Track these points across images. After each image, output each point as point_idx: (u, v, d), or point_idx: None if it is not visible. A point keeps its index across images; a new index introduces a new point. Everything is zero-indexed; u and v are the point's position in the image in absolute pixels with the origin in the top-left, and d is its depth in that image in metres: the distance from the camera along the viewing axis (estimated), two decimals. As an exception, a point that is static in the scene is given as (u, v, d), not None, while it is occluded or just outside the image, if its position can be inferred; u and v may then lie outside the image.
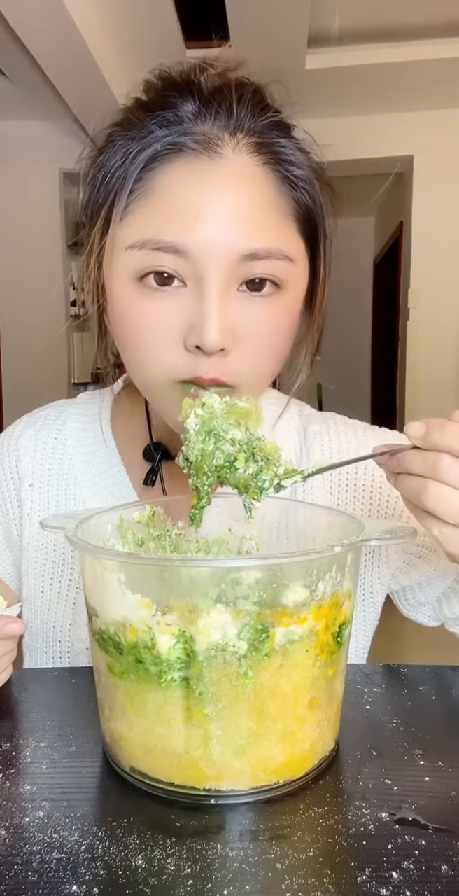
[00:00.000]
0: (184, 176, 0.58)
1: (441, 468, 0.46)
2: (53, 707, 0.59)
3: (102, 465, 0.77)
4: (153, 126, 0.59)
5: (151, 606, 0.44)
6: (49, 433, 0.80)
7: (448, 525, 0.47)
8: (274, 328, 0.61)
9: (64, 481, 0.77)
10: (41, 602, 0.77)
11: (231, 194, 0.58)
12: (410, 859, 0.39)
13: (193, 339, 0.58)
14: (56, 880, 0.38)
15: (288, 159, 0.61)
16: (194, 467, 0.52)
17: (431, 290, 4.00)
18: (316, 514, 0.62)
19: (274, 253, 0.59)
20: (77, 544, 0.46)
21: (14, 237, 4.19)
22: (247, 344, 0.60)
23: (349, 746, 0.52)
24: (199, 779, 0.45)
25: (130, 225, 0.59)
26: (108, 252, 0.61)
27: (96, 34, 2.86)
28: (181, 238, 0.56)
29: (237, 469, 0.51)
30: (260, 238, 0.58)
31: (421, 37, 3.25)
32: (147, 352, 0.60)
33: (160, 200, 0.58)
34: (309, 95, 3.37)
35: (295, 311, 0.64)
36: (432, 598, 0.76)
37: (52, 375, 4.22)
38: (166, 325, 0.59)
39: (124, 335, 0.62)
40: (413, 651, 2.77)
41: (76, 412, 0.81)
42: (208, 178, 0.58)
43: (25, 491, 0.78)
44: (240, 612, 0.43)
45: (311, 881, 0.37)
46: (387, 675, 0.63)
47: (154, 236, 0.57)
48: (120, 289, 0.60)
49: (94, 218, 0.62)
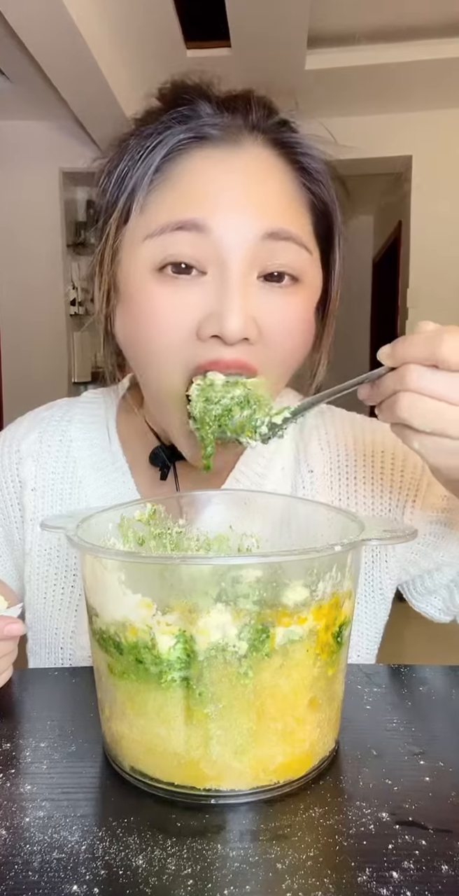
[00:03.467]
0: (205, 164, 0.58)
1: (409, 378, 0.46)
2: (54, 707, 0.59)
3: (107, 468, 0.75)
4: (171, 121, 0.59)
5: (151, 606, 0.44)
6: (53, 435, 0.78)
7: (425, 434, 0.47)
8: (295, 320, 0.61)
9: (68, 485, 0.76)
10: (44, 608, 0.76)
11: (250, 179, 0.58)
12: (410, 859, 0.39)
13: (212, 328, 0.57)
14: (56, 880, 0.38)
15: (304, 152, 0.62)
16: (198, 421, 0.58)
17: (430, 290, 4.00)
18: (318, 511, 0.62)
19: (293, 236, 0.59)
20: (77, 544, 0.46)
21: (14, 237, 4.19)
22: (272, 335, 0.59)
23: (349, 746, 0.52)
24: (199, 779, 0.45)
25: (150, 214, 0.59)
26: (128, 246, 0.61)
27: (96, 34, 2.86)
28: (200, 213, 0.56)
29: (233, 415, 0.56)
30: (280, 219, 0.58)
31: (421, 37, 3.25)
32: (163, 344, 0.59)
33: (180, 188, 0.58)
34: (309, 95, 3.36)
35: (313, 306, 0.64)
36: (441, 586, 0.75)
37: (52, 374, 4.22)
38: (185, 314, 0.58)
39: (139, 328, 0.60)
40: (413, 651, 2.77)
41: (82, 411, 0.79)
42: (229, 164, 0.58)
43: (28, 496, 0.76)
44: (241, 612, 0.43)
45: (311, 881, 0.37)
46: (387, 675, 0.63)
47: (173, 217, 0.57)
48: (138, 281, 0.59)
49: (109, 213, 0.61)
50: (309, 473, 0.74)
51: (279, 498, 0.68)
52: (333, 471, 0.75)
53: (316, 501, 0.70)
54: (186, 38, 3.06)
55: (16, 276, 4.21)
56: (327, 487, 0.74)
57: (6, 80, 3.53)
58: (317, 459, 0.75)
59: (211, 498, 0.65)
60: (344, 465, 0.75)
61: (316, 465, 0.75)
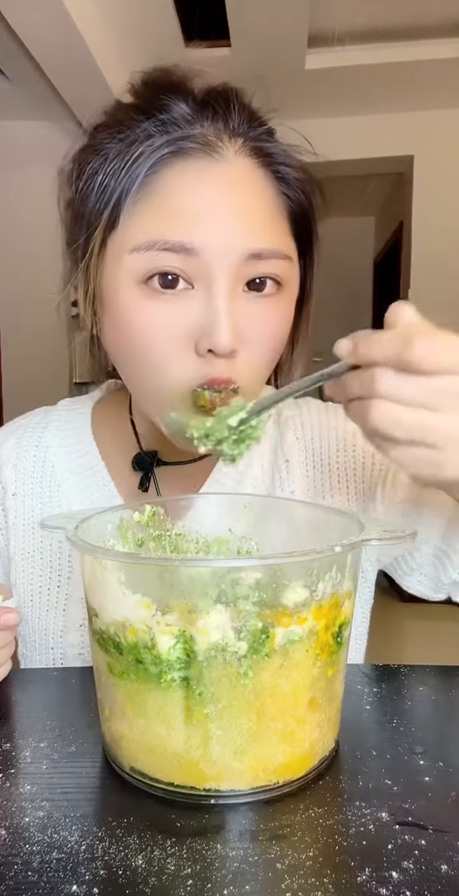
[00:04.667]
0: (187, 176, 0.58)
1: (377, 385, 0.42)
2: (53, 707, 0.59)
3: (85, 472, 0.76)
4: (150, 128, 0.59)
5: (151, 606, 0.44)
6: (29, 441, 0.79)
7: (401, 444, 0.44)
8: (275, 328, 0.62)
9: (47, 489, 0.77)
10: (31, 610, 0.76)
11: (234, 195, 0.58)
12: (410, 859, 0.39)
13: (206, 343, 0.58)
14: (56, 880, 0.38)
15: (284, 161, 0.63)
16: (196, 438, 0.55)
17: (432, 291, 3.99)
18: (317, 513, 0.62)
19: (276, 252, 0.60)
20: (77, 544, 0.46)
21: (14, 237, 4.19)
22: (251, 344, 0.60)
23: (349, 746, 0.52)
24: (199, 779, 0.45)
25: (134, 227, 0.59)
26: (111, 258, 0.61)
27: (96, 34, 2.86)
28: (188, 237, 0.56)
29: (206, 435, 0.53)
30: (265, 238, 0.59)
31: (422, 37, 3.25)
32: (157, 358, 0.60)
33: (163, 202, 0.58)
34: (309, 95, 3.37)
35: (292, 308, 0.65)
36: (424, 563, 0.75)
37: (53, 375, 4.22)
38: (176, 329, 0.59)
39: (129, 343, 0.61)
40: (413, 651, 2.77)
41: (57, 418, 0.80)
42: (210, 178, 0.58)
43: (9, 500, 0.77)
44: (240, 613, 0.43)
45: (311, 881, 0.37)
46: (387, 675, 0.63)
47: (161, 237, 0.57)
48: (123, 293, 0.60)
49: (94, 224, 0.61)
50: (285, 463, 0.76)
51: (278, 500, 0.69)
52: (308, 459, 0.76)
53: (315, 504, 0.70)
54: (186, 38, 3.06)
55: (15, 276, 4.21)
56: (302, 476, 0.76)
57: (6, 80, 3.53)
58: (293, 449, 0.77)
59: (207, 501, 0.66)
60: (318, 453, 0.76)
61: (292, 454, 0.76)
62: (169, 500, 0.65)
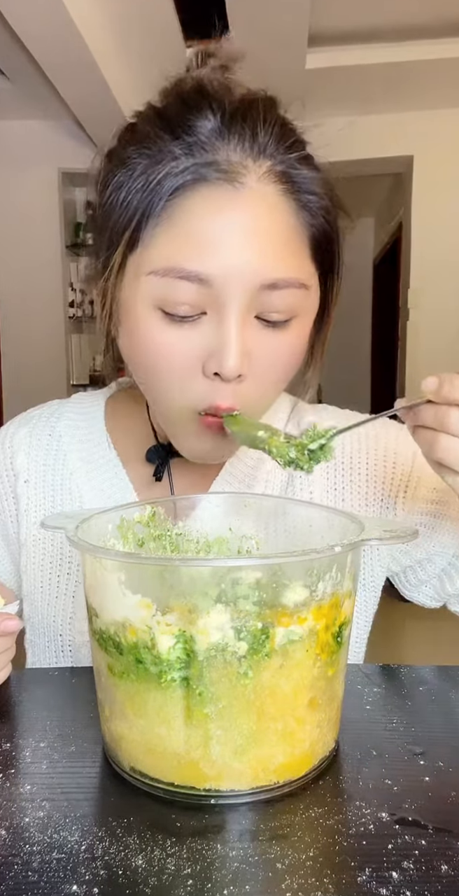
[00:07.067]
0: (206, 204, 0.58)
1: (450, 421, 0.49)
2: (53, 707, 0.59)
3: (98, 461, 0.77)
4: (176, 149, 0.58)
5: (151, 606, 0.44)
6: (43, 430, 0.81)
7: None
8: (286, 356, 0.63)
9: (60, 477, 0.78)
10: (41, 597, 0.77)
11: (252, 224, 0.58)
12: (410, 859, 0.39)
13: (213, 366, 0.59)
14: (56, 880, 0.38)
15: (309, 189, 0.61)
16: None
17: (431, 291, 3.99)
18: (317, 513, 0.62)
19: (292, 282, 0.59)
20: (77, 544, 0.46)
21: (14, 237, 4.19)
22: (260, 371, 0.61)
23: (349, 746, 0.52)
24: (199, 779, 0.45)
25: (152, 250, 0.59)
26: (129, 276, 0.61)
27: (96, 34, 2.86)
28: (203, 267, 0.57)
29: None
30: (280, 268, 0.58)
31: (421, 37, 3.25)
32: (168, 382, 0.61)
33: (181, 227, 0.58)
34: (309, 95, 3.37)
35: (307, 334, 0.65)
36: (433, 576, 0.76)
37: (51, 376, 4.22)
38: (186, 354, 0.60)
39: (143, 362, 0.63)
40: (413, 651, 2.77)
41: (71, 409, 0.82)
42: (230, 207, 0.58)
43: (21, 487, 0.79)
44: (240, 612, 0.43)
45: (311, 881, 0.37)
46: (387, 675, 0.63)
47: (177, 265, 0.57)
48: (140, 314, 0.60)
49: (117, 241, 0.61)
50: None
51: (278, 500, 0.69)
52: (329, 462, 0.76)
53: (315, 504, 0.70)
54: (186, 38, 3.06)
55: (15, 277, 4.21)
56: (323, 477, 0.76)
57: (6, 80, 3.53)
58: None
59: (209, 500, 0.66)
60: (340, 456, 0.76)
61: None
62: (169, 499, 0.65)
